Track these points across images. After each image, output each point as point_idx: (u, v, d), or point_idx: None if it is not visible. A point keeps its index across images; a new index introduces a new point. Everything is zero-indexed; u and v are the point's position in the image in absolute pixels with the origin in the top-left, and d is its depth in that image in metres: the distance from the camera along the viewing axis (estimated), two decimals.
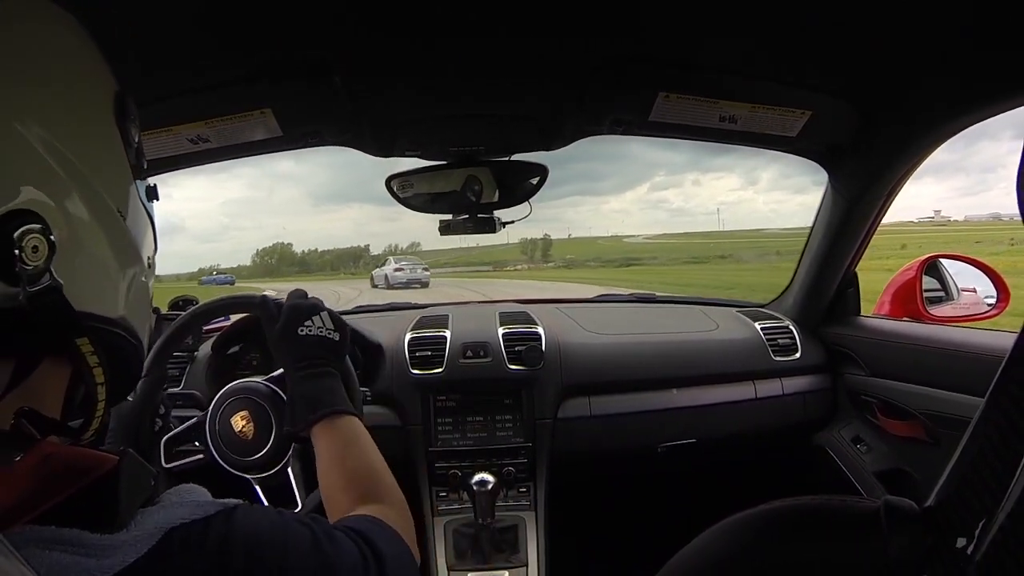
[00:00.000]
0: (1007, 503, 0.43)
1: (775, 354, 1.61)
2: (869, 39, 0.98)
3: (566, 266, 39.20)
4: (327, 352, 0.86)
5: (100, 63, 0.48)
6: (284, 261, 41.67)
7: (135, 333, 0.49)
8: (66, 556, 0.35)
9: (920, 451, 1.39)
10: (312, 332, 0.86)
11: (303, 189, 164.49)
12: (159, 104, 1.09)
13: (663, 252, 37.72)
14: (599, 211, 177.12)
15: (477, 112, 1.28)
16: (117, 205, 0.46)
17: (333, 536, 0.49)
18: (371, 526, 0.56)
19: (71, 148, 0.41)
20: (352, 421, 0.79)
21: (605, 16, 0.94)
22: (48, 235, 0.38)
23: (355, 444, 0.77)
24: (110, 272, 0.46)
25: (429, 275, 21.74)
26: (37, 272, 0.38)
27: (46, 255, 0.38)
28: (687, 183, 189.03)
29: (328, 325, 0.88)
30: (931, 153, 1.26)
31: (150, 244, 0.53)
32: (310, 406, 0.80)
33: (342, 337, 0.89)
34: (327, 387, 0.82)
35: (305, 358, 0.84)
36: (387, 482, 0.73)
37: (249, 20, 0.91)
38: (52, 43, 0.44)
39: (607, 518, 1.90)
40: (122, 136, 0.48)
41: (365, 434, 0.79)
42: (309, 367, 0.83)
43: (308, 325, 0.86)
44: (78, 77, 0.45)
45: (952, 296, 1.59)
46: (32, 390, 0.42)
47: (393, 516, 0.63)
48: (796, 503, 0.52)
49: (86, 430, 0.46)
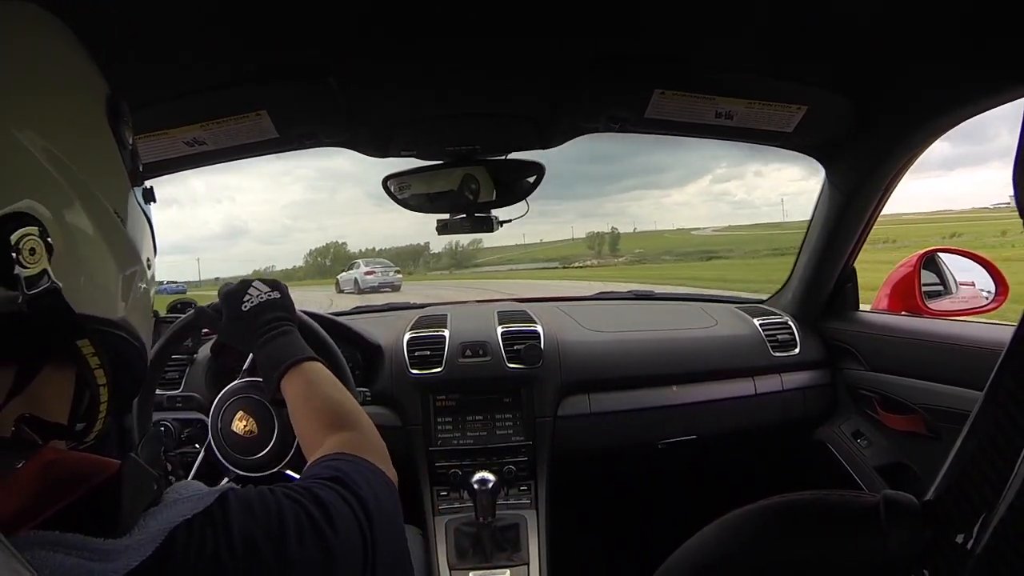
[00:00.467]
0: (1007, 496, 0.43)
1: (774, 350, 1.62)
2: (864, 33, 0.98)
3: (638, 260, 36.77)
4: (275, 311, 0.90)
5: (90, 65, 0.48)
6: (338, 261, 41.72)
7: (137, 335, 0.49)
8: (71, 559, 0.35)
9: (921, 445, 1.39)
10: (255, 301, 0.91)
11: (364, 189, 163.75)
12: (155, 107, 1.09)
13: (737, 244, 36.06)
14: (661, 204, 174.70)
15: (473, 111, 1.28)
16: (114, 207, 0.46)
17: (329, 513, 0.48)
18: (352, 469, 0.56)
19: (65, 151, 0.41)
20: (313, 364, 0.83)
21: (600, 14, 0.94)
22: (45, 237, 0.38)
23: (318, 383, 0.80)
24: (109, 274, 0.45)
25: (401, 278, 21.53)
26: (35, 275, 0.38)
27: (44, 257, 0.38)
28: (748, 174, 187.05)
29: (265, 289, 0.93)
30: (928, 147, 1.26)
31: (149, 246, 0.53)
32: (273, 365, 0.83)
33: (283, 293, 0.93)
34: (285, 343, 0.86)
35: (260, 327, 0.88)
36: (354, 409, 0.75)
37: (244, 23, 0.91)
38: (40, 46, 0.44)
39: (608, 515, 1.91)
40: (115, 138, 0.48)
41: (327, 373, 0.83)
42: (266, 332, 0.87)
43: (248, 299, 0.91)
44: (68, 80, 0.45)
45: (951, 290, 1.59)
46: (36, 396, 0.42)
47: (365, 442, 0.66)
48: (795, 498, 0.52)
49: (89, 432, 0.46)
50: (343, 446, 0.63)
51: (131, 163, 0.50)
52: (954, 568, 0.45)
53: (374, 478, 0.57)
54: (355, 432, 0.70)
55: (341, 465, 0.56)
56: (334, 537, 0.46)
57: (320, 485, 0.51)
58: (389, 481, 0.60)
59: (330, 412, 0.74)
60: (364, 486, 0.53)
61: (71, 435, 0.45)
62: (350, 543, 0.48)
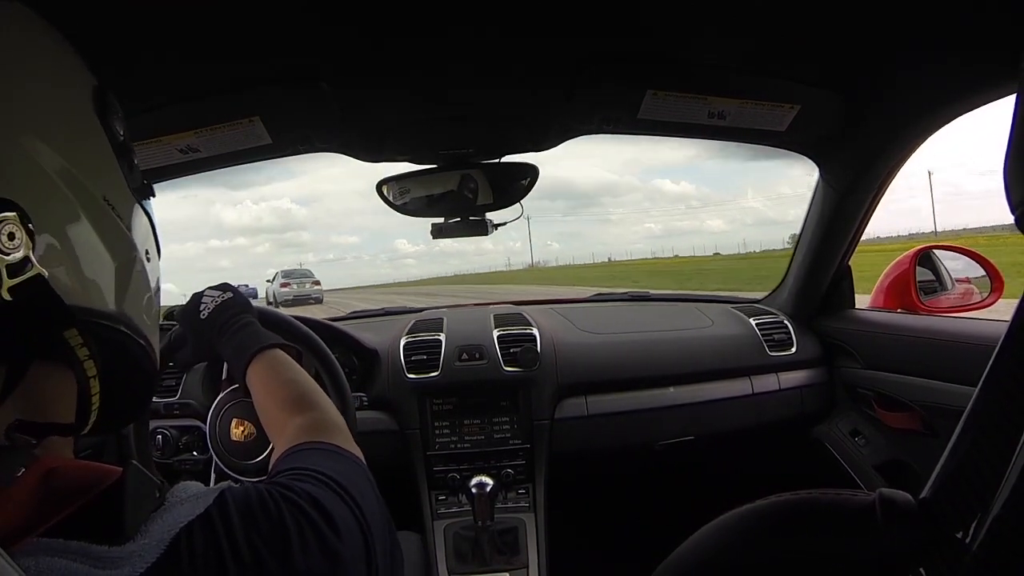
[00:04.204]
0: (1003, 492, 0.43)
1: (771, 349, 1.62)
2: (854, 30, 0.98)
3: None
4: (230, 310, 0.92)
5: (73, 57, 0.47)
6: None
7: (138, 330, 0.47)
8: (75, 564, 0.35)
9: (918, 442, 1.39)
10: (210, 306, 0.93)
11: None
12: (147, 115, 1.08)
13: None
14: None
15: (466, 114, 1.27)
16: (103, 194, 0.44)
17: (330, 517, 0.47)
18: (332, 462, 0.56)
19: (46, 137, 0.40)
20: (273, 352, 0.84)
21: (592, 15, 0.94)
22: (26, 223, 0.37)
23: (279, 368, 0.82)
24: (101, 264, 0.44)
25: (320, 289, 21.07)
26: (17, 263, 0.37)
27: (26, 244, 0.37)
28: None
29: (215, 293, 0.95)
30: (921, 144, 1.26)
31: (147, 236, 0.51)
32: (237, 356, 0.85)
33: (234, 292, 0.96)
34: (245, 335, 0.87)
35: (220, 327, 0.90)
36: (312, 389, 0.77)
37: (235, 29, 0.91)
38: (18, 37, 0.43)
39: (606, 517, 1.90)
40: (104, 128, 0.47)
41: (286, 357, 0.84)
42: (227, 329, 0.89)
43: (203, 306, 0.94)
44: (48, 67, 0.44)
45: (946, 286, 1.59)
46: (37, 398, 0.41)
47: (327, 423, 0.68)
48: (792, 498, 0.52)
49: (84, 426, 0.44)
50: (308, 430, 0.65)
51: (125, 155, 0.49)
52: (951, 566, 0.45)
53: (349, 466, 0.57)
54: (315, 412, 0.71)
55: (317, 458, 0.56)
56: (338, 542, 0.46)
57: (312, 483, 0.50)
58: (359, 461, 0.61)
59: (290, 395, 0.75)
60: (342, 473, 0.53)
61: (65, 431, 0.44)
62: (354, 546, 0.47)
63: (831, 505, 0.50)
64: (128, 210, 0.48)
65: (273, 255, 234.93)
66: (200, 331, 0.92)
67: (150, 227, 0.53)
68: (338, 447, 0.60)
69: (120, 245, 0.46)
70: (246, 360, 0.83)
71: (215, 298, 0.94)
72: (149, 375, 0.51)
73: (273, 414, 0.75)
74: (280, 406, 0.74)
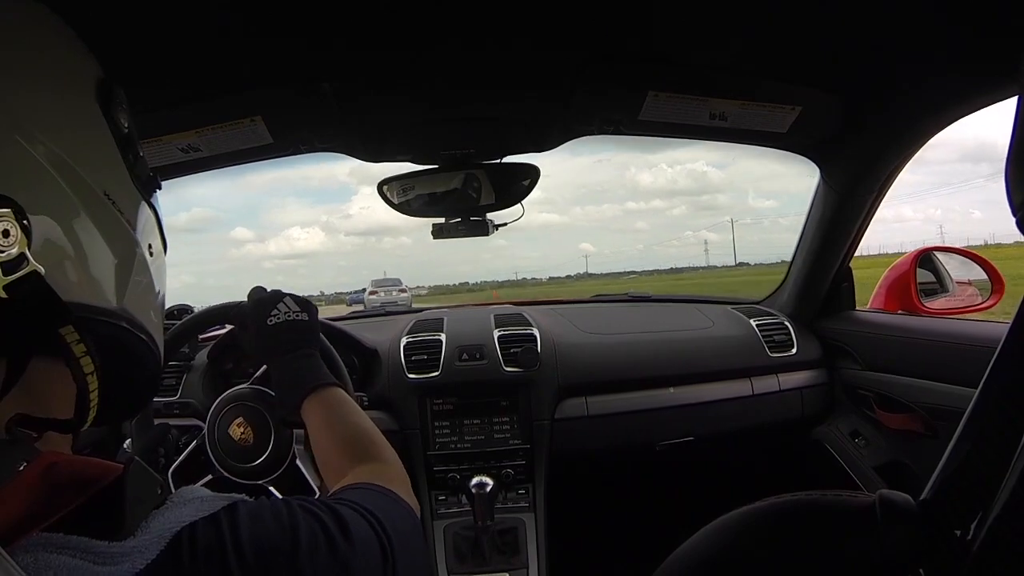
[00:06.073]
0: (1002, 493, 0.43)
1: (771, 350, 1.62)
2: (855, 32, 0.98)
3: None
4: (300, 334, 0.89)
5: (75, 49, 0.47)
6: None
7: (141, 325, 0.47)
8: (75, 561, 0.34)
9: (918, 444, 1.39)
10: (280, 319, 0.89)
11: None
12: (149, 114, 1.08)
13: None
14: None
15: (467, 115, 1.28)
16: (104, 188, 0.44)
17: (346, 527, 0.46)
18: (380, 500, 0.55)
19: (44, 130, 0.40)
20: (336, 391, 0.82)
21: (594, 17, 0.94)
22: (22, 219, 0.37)
23: (342, 410, 0.79)
24: (101, 259, 0.43)
25: (409, 296, 21.10)
26: (13, 259, 0.36)
27: (21, 240, 0.37)
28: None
29: (294, 308, 0.91)
30: (922, 145, 1.26)
31: (152, 230, 0.51)
32: (294, 388, 0.82)
33: (311, 316, 0.92)
34: (307, 367, 0.85)
35: (280, 344, 0.87)
36: (378, 440, 0.74)
37: (238, 30, 0.91)
38: (16, 28, 0.42)
39: (606, 517, 1.90)
40: (107, 119, 0.46)
41: (351, 401, 0.82)
42: (286, 352, 0.86)
43: (275, 314, 0.90)
44: (48, 59, 0.44)
45: (947, 288, 1.59)
46: (38, 395, 0.41)
47: (392, 473, 0.66)
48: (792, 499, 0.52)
49: (83, 423, 0.44)
50: (369, 477, 0.62)
51: (129, 148, 0.48)
52: (951, 567, 0.45)
53: (396, 508, 0.56)
54: (380, 463, 0.70)
55: (367, 495, 0.55)
56: (350, 550, 0.45)
57: (341, 503, 0.50)
58: (412, 513, 0.59)
59: (356, 440, 0.73)
60: (384, 510, 0.52)
61: (63, 426, 0.43)
62: (369, 559, 0.46)
63: (831, 506, 0.50)
64: (130, 204, 0.47)
65: (689, 218, 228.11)
66: (259, 332, 0.90)
67: (155, 221, 0.52)
68: (395, 494, 0.59)
69: (121, 240, 0.45)
70: (303, 394, 0.81)
71: (290, 312, 0.90)
72: (152, 371, 0.50)
73: (335, 456, 0.73)
74: (343, 451, 0.72)
